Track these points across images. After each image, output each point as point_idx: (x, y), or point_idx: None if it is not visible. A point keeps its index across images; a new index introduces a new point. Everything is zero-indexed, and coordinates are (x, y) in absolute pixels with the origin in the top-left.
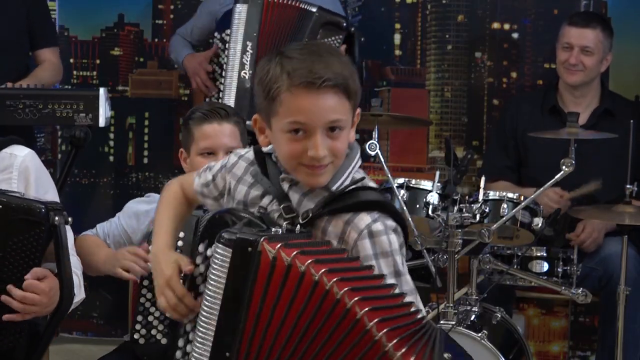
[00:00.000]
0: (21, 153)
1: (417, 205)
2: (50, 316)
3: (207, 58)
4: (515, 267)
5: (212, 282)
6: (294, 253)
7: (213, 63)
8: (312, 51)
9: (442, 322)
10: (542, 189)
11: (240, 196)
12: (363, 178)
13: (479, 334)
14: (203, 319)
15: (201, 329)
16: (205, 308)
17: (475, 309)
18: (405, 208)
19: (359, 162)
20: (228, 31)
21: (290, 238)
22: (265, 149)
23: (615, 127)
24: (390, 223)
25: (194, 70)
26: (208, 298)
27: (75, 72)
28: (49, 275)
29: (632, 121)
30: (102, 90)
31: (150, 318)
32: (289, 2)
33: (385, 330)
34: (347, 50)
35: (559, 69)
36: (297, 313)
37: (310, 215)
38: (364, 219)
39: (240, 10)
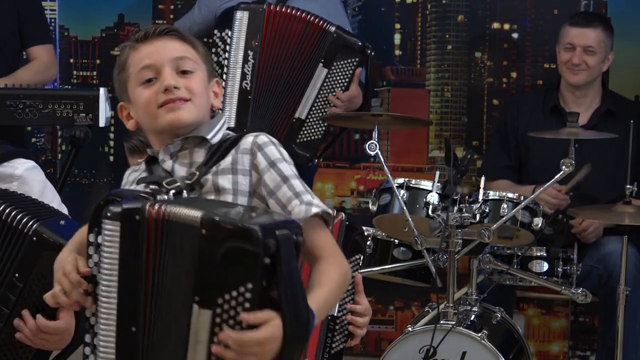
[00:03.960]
0: (23, 166)
1: (417, 205)
2: (62, 351)
3: None
4: (515, 267)
5: (106, 260)
6: (164, 207)
7: (214, 64)
8: None
9: (442, 322)
10: (542, 189)
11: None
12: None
13: (479, 334)
14: (103, 299)
15: (103, 309)
16: (104, 288)
17: (475, 309)
18: (405, 208)
19: (226, 125)
20: (228, 31)
21: (176, 200)
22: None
23: (616, 127)
24: (271, 138)
25: None
26: (104, 277)
27: (75, 72)
28: (67, 314)
29: (632, 121)
30: (102, 90)
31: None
32: (294, 13)
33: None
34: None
35: (561, 69)
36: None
37: (197, 175)
38: (247, 140)
39: (241, 17)
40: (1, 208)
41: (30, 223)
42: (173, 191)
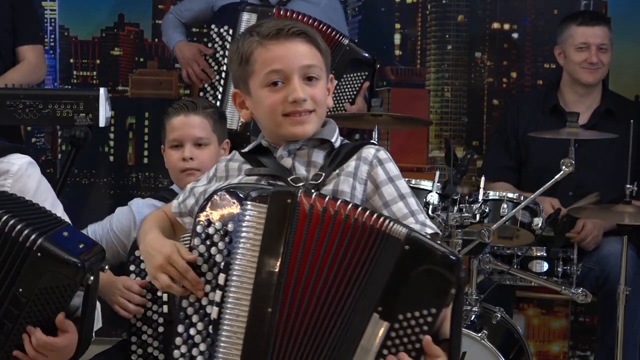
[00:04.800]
0: (18, 161)
1: None
2: None
3: (202, 50)
4: (515, 267)
5: (243, 241)
6: (326, 199)
7: (208, 57)
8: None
9: None
10: (542, 188)
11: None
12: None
13: (479, 334)
14: (235, 278)
15: (233, 288)
16: (238, 267)
17: (475, 309)
18: None
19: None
20: (227, 27)
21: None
22: (247, 149)
23: (616, 127)
24: (389, 154)
25: (187, 61)
26: (241, 258)
27: (75, 72)
28: (69, 330)
29: (632, 121)
30: (102, 90)
31: (144, 337)
32: (305, 20)
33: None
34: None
35: (573, 70)
36: (332, 252)
37: (323, 176)
38: (369, 150)
39: (248, 19)
40: (4, 220)
41: (34, 237)
42: (300, 190)
